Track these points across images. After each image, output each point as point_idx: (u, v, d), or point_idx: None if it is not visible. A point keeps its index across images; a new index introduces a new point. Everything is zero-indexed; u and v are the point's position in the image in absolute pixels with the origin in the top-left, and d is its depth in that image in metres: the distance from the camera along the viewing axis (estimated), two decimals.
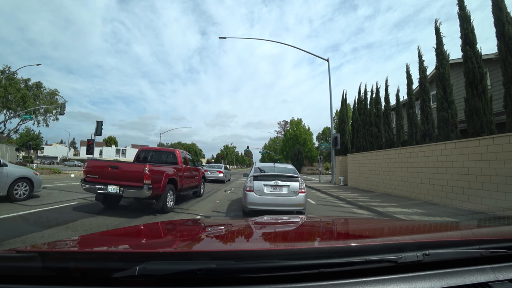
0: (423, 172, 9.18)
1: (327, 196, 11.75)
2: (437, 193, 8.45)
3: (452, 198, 7.80)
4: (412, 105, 10.97)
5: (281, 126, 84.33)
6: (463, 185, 7.46)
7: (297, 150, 52.67)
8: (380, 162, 12.42)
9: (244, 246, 1.27)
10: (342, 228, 1.92)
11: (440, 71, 9.17)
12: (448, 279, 0.92)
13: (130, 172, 5.72)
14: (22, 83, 32.94)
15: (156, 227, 1.94)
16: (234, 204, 8.24)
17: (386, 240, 1.22)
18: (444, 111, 8.84)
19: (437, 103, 9.17)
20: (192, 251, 1.10)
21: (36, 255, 0.88)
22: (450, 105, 8.80)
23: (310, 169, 53.30)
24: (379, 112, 13.94)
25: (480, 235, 1.27)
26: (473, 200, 7.08)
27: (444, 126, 8.82)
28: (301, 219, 2.41)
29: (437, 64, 9.40)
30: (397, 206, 8.14)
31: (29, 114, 29.69)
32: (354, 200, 9.57)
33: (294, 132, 57.91)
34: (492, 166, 6.55)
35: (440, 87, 9.09)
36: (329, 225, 2.04)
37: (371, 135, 14.35)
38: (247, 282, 0.86)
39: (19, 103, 31.05)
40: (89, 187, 5.75)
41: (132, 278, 0.81)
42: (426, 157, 9.07)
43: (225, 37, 20.55)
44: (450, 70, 9.27)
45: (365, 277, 0.89)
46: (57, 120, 36.81)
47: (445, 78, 9.02)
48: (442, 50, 9.36)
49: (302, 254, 0.96)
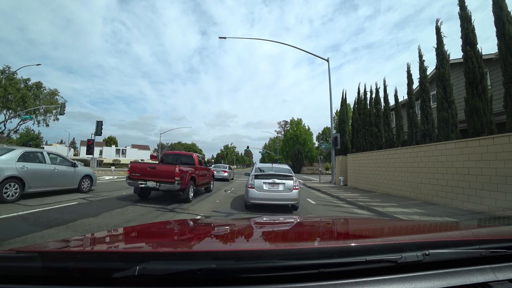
0: (423, 172, 9.18)
1: (327, 196, 11.75)
2: (437, 193, 8.45)
3: (452, 198, 7.80)
4: (412, 105, 10.97)
5: (281, 126, 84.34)
6: (463, 185, 7.45)
7: (297, 150, 52.72)
8: (380, 162, 12.42)
9: (244, 246, 1.27)
10: (342, 228, 1.91)
11: (441, 71, 9.17)
12: (448, 279, 0.92)
13: (165, 171, 7.32)
14: (22, 83, 32.93)
15: (156, 227, 1.95)
16: (234, 204, 8.25)
17: (386, 240, 1.22)
18: (444, 111, 8.84)
19: (437, 103, 9.17)
20: (192, 251, 1.10)
21: (36, 255, 0.88)
22: (450, 105, 8.80)
23: (310, 169, 53.16)
24: (379, 112, 13.94)
25: (480, 235, 1.27)
26: (473, 200, 7.07)
27: (444, 126, 8.82)
28: (301, 219, 2.42)
29: (438, 64, 9.39)
30: (397, 206, 8.14)
31: (29, 114, 29.67)
32: (354, 200, 9.57)
33: (294, 132, 57.88)
34: (492, 166, 6.55)
35: (440, 87, 9.09)
36: (329, 225, 2.04)
37: (371, 135, 14.36)
38: (247, 282, 0.86)
39: (19, 103, 31.05)
40: (132, 182, 7.48)
41: (132, 278, 0.81)
42: (426, 157, 9.07)
43: (225, 37, 20.56)
44: (450, 70, 9.27)
45: (365, 277, 0.89)
46: (57, 120, 36.85)
47: (445, 78, 9.02)
48: (442, 50, 9.36)
49: (302, 254, 0.96)
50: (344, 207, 8.58)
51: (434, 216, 6.39)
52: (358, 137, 16.28)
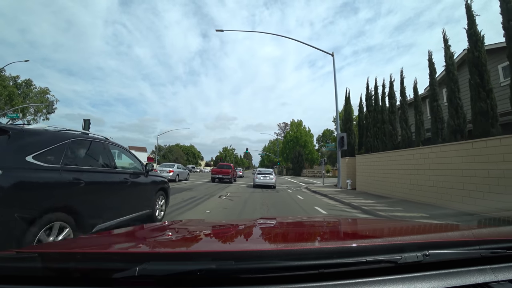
0: (456, 176, 7.64)
1: (336, 203, 10.19)
2: (475, 201, 6.92)
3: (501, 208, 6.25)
4: (436, 97, 9.48)
5: (281, 128, 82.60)
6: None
7: (297, 152, 50.97)
8: (397, 163, 10.89)
9: (244, 247, 1.27)
10: (342, 229, 1.91)
11: (475, 55, 7.68)
12: (448, 279, 0.91)
13: (226, 171, 19.06)
14: (11, 80, 31.41)
15: (156, 227, 1.96)
16: (228, 217, 6.66)
17: (386, 241, 1.18)
18: (481, 101, 7.33)
19: (472, 92, 7.67)
20: (192, 251, 1.09)
21: (36, 256, 0.88)
22: (489, 94, 7.30)
23: (311, 171, 51.25)
24: (393, 107, 12.44)
25: (480, 235, 1.23)
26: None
27: (482, 119, 7.31)
28: (301, 220, 2.61)
29: (470, 46, 7.92)
30: (428, 216, 6.61)
31: (15, 113, 28.02)
32: (371, 208, 8.02)
33: (295, 134, 56.09)
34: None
35: (475, 74, 7.59)
36: (329, 225, 2.05)
37: (384, 133, 12.82)
38: (247, 283, 0.86)
39: (6, 101, 29.45)
40: (213, 177, 19.20)
41: (132, 278, 0.80)
42: (460, 157, 7.55)
43: (222, 30, 19.41)
44: (486, 54, 7.80)
45: (365, 278, 0.88)
46: (48, 119, 35.26)
47: (482, 63, 7.53)
48: (475, 31, 7.88)
49: (302, 254, 0.94)
50: (362, 217, 7.02)
51: None
52: (368, 137, 14.76)
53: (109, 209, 3.49)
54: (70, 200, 2.76)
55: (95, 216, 3.14)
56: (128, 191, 4.02)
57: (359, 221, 2.85)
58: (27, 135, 2.56)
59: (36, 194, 2.41)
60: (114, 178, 3.70)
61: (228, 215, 6.71)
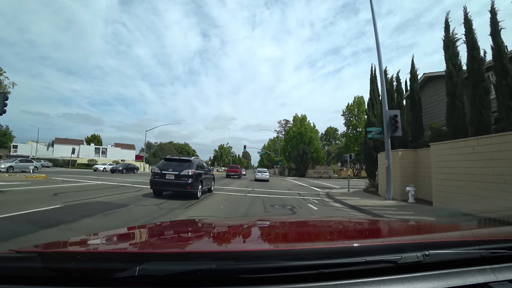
0: None
1: None
2: None
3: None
4: None
5: (282, 126, 76.75)
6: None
7: (301, 150, 44.99)
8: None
9: (244, 247, 1.27)
10: (342, 229, 1.90)
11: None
12: (448, 279, 0.91)
13: (235, 170, 31.76)
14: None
15: (156, 228, 1.98)
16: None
17: (386, 241, 1.20)
18: None
19: None
20: (192, 251, 1.10)
21: (36, 256, 0.87)
22: None
23: (316, 172, 44.29)
24: None
25: (480, 235, 1.22)
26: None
27: None
28: (302, 220, 2.77)
29: None
30: None
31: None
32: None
33: (298, 130, 49.66)
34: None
35: None
36: (329, 225, 2.03)
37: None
38: (247, 283, 0.85)
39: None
40: (227, 174, 31.13)
41: (132, 278, 0.80)
42: None
43: None
44: None
45: (365, 278, 0.88)
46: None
47: None
48: None
49: (302, 254, 0.94)
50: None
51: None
52: (458, 109, 8.55)
53: (206, 184, 10.88)
54: (202, 179, 9.98)
55: (205, 185, 10.54)
56: (207, 178, 11.12)
57: (359, 221, 2.83)
58: (193, 161, 9.94)
59: (200, 176, 9.83)
60: (206, 173, 10.88)
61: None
